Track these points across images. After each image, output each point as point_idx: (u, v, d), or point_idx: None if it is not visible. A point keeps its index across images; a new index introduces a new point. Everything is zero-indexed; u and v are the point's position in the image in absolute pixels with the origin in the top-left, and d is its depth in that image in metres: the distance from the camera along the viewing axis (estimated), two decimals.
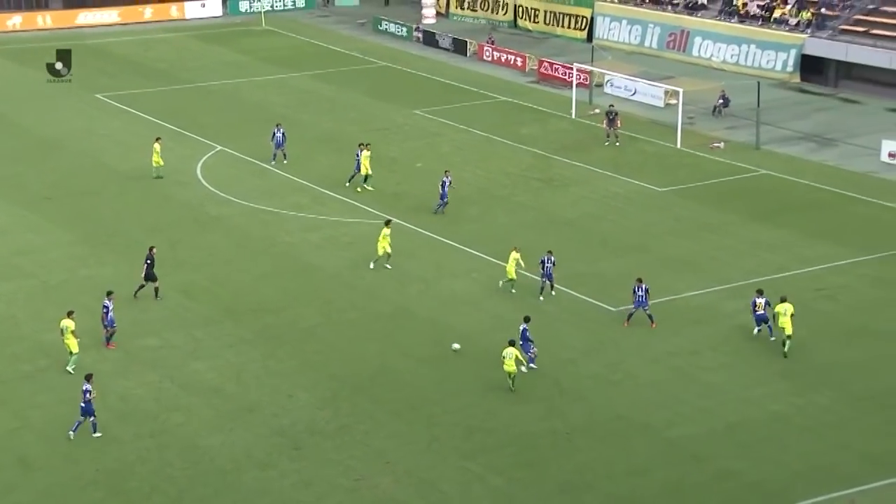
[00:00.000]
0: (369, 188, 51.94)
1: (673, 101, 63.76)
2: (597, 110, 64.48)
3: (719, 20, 76.04)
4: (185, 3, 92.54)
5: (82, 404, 32.90)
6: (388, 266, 43.68)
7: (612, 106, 60.92)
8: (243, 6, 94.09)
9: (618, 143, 59.01)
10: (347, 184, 52.10)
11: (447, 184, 48.99)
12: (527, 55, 76.30)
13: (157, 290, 41.45)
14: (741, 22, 74.74)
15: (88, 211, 50.56)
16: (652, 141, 60.43)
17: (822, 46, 70.22)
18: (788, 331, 37.20)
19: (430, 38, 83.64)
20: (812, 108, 67.00)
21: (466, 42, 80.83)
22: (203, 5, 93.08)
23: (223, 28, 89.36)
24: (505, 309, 40.89)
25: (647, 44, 78.66)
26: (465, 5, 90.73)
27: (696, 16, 77.44)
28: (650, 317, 39.26)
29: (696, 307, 41.05)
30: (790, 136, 61.50)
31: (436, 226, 48.22)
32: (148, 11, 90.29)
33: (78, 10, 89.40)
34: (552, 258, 41.46)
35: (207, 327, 39.59)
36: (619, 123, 59.46)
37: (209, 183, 53.72)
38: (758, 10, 74.59)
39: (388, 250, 43.54)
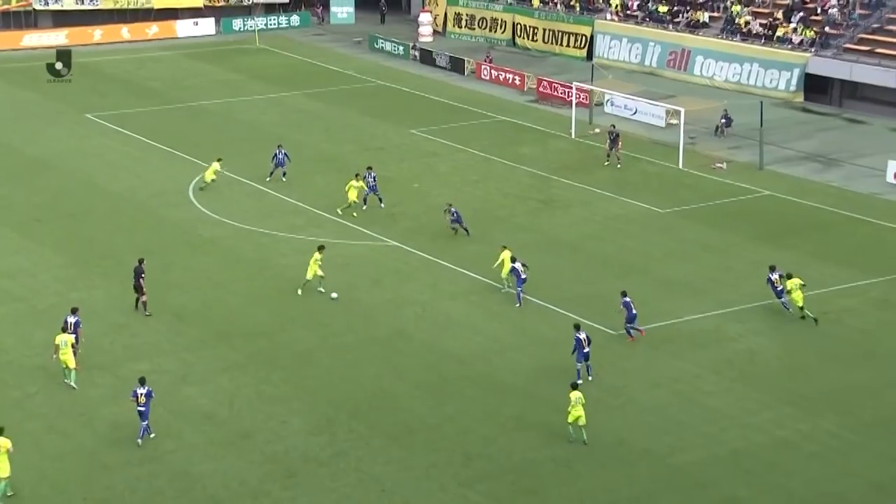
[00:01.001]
0: (354, 214, 51.48)
1: (674, 121, 63.79)
2: (597, 130, 64.51)
3: (721, 39, 76.13)
4: (178, 22, 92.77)
5: (142, 408, 33.44)
6: (322, 290, 43.49)
7: (614, 126, 60.93)
8: (237, 24, 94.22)
9: (619, 165, 58.98)
10: (369, 206, 51.73)
11: (447, 211, 49.02)
12: (525, 74, 76.39)
13: (145, 304, 41.73)
14: (743, 40, 74.85)
15: (78, 233, 50.43)
16: (653, 161, 60.42)
17: (826, 65, 70.31)
18: (801, 302, 40.87)
19: (427, 57, 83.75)
20: (816, 128, 67.04)
21: (464, 61, 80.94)
22: (196, 23, 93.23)
23: (217, 46, 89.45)
24: (504, 332, 40.78)
25: (647, 62, 78.78)
26: (463, 23, 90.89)
27: (698, 34, 77.55)
28: (629, 331, 39.99)
29: (699, 330, 40.93)
30: (794, 157, 61.50)
31: (432, 247, 48.13)
32: (98, 33, 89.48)
33: (24, 32, 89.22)
34: (515, 265, 42.71)
35: (199, 351, 39.44)
36: (621, 144, 59.45)
37: (202, 204, 53.64)
38: (760, 29, 74.71)
39: (321, 273, 43.44)
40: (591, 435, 34.14)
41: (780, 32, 73.57)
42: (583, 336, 37.03)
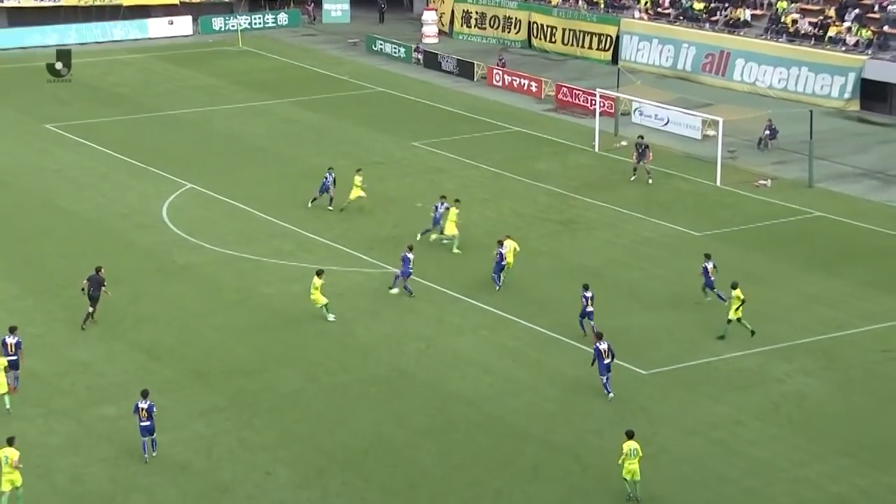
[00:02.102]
0: (457, 251, 50.72)
1: (711, 133, 63.85)
2: (623, 142, 64.56)
3: (765, 39, 76.30)
4: (150, 20, 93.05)
5: (147, 423, 34.52)
6: (332, 317, 43.92)
7: (642, 137, 61.00)
8: (217, 23, 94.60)
9: (650, 181, 59.02)
10: (419, 236, 51.22)
11: (407, 260, 46.96)
12: (543, 79, 76.57)
13: (91, 314, 43.06)
14: (790, 41, 74.99)
15: (36, 258, 50.43)
16: (687, 178, 60.45)
17: (886, 69, 70.39)
18: (737, 315, 42.27)
19: (431, 60, 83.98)
20: (874, 139, 67.14)
21: (473, 64, 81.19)
22: (171, 23, 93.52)
23: (194, 48, 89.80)
24: (516, 371, 40.69)
25: (680, 66, 78.94)
26: (472, 23, 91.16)
27: (738, 34, 77.70)
28: (593, 329, 40.94)
29: (741, 370, 40.80)
30: (848, 173, 61.53)
31: (437, 275, 48.08)
32: (58, 33, 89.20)
33: None
34: (501, 250, 45.99)
35: (173, 393, 39.34)
36: (650, 157, 59.50)
37: (177, 226, 53.68)
38: (810, 28, 74.82)
39: (323, 300, 43.81)
40: (618, 489, 33.94)
41: (832, 32, 73.66)
42: (604, 346, 38.00)
